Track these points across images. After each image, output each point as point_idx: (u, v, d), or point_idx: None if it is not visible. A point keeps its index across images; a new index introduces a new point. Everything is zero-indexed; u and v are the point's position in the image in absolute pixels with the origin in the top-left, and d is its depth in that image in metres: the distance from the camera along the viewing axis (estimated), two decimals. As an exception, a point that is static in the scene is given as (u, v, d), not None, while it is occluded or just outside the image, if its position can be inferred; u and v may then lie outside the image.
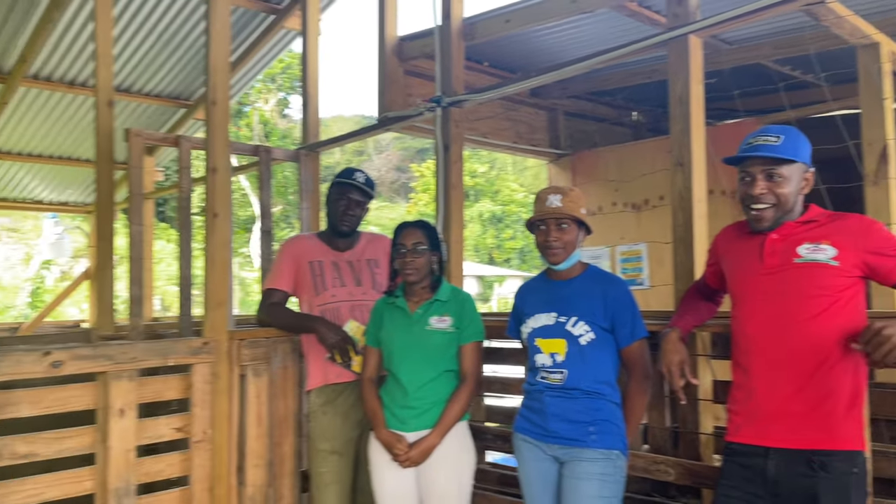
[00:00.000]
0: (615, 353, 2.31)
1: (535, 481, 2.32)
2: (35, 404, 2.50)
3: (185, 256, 4.04)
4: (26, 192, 7.82)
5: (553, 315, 2.31)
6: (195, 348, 2.85)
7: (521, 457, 2.39)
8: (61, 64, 5.78)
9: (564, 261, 2.32)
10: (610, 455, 2.21)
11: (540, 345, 2.33)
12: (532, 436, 2.34)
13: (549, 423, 2.27)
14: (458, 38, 3.91)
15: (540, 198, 2.36)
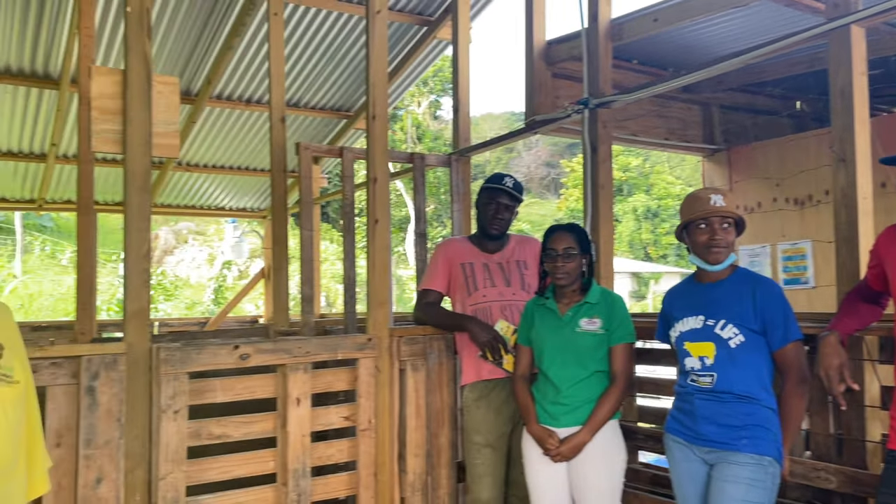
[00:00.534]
0: (768, 356, 2.27)
1: (685, 482, 2.34)
2: (227, 391, 2.84)
3: (349, 258, 4.36)
4: (210, 199, 8.63)
5: (701, 318, 2.31)
6: (360, 344, 3.10)
7: (672, 457, 2.41)
8: (240, 84, 6.37)
9: (724, 261, 2.32)
10: (761, 461, 2.18)
11: (689, 348, 2.34)
12: (682, 437, 2.35)
13: (700, 426, 2.28)
14: (606, 40, 3.93)
15: (700, 198, 2.34)
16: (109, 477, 2.57)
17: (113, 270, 18.01)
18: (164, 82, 2.89)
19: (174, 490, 2.64)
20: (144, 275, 2.77)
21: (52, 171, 7.08)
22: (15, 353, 1.19)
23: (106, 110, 2.80)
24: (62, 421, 2.56)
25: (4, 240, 19.08)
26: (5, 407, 1.10)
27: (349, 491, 3.09)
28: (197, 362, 2.74)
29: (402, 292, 20.51)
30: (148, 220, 2.81)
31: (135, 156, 2.78)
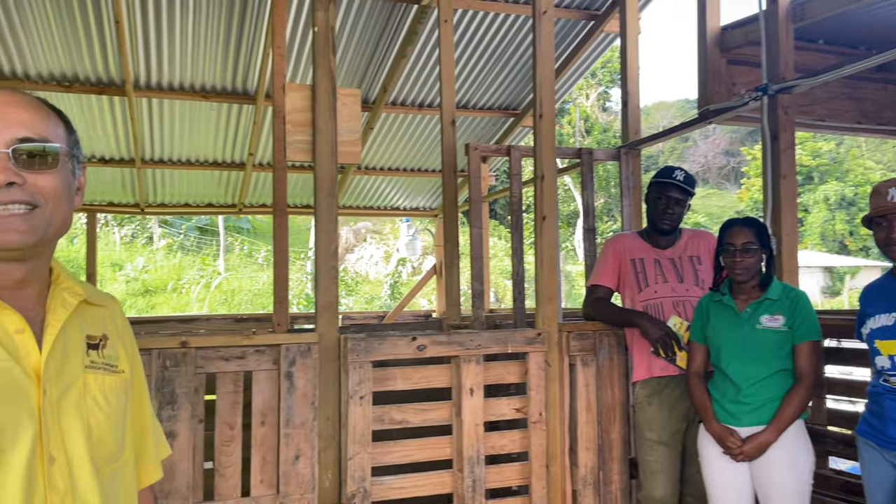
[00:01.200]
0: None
1: (875, 486, 2.20)
2: (406, 380, 3.04)
3: (517, 254, 4.45)
4: (386, 200, 9.10)
5: (893, 316, 2.17)
6: (530, 338, 3.19)
7: (863, 460, 2.28)
8: (413, 90, 6.68)
9: None
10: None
11: (879, 346, 2.20)
12: (872, 439, 2.21)
13: (888, 428, 2.14)
14: (786, 21, 3.72)
15: (880, 191, 2.20)
16: (306, 454, 2.84)
17: (301, 268, 19.44)
18: (347, 94, 3.15)
19: (361, 470, 2.87)
20: (333, 271, 3.03)
21: (249, 179, 7.81)
22: (121, 343, 1.23)
23: (298, 123, 3.09)
24: (266, 402, 2.87)
25: (210, 240, 21.20)
26: (107, 395, 1.13)
27: (522, 481, 3.18)
28: (379, 352, 2.95)
29: (571, 288, 20.37)
30: (335, 221, 3.07)
31: (323, 163, 3.05)
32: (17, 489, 0.99)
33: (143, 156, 7.19)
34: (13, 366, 1.03)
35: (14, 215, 1.02)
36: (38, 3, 5.03)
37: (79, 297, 1.15)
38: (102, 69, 5.85)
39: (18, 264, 1.07)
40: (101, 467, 1.09)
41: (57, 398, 1.06)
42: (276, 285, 5.11)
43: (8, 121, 1.04)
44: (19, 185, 1.02)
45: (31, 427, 1.01)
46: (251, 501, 2.81)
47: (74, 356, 1.11)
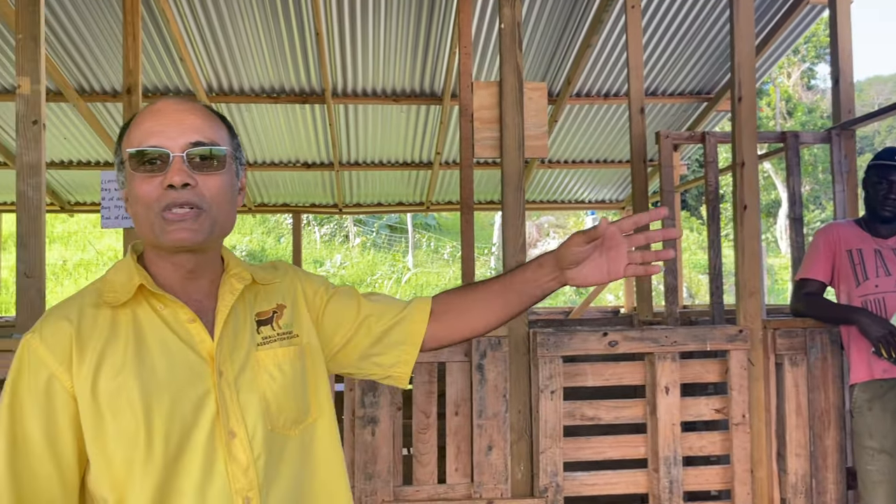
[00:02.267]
0: None
1: None
2: (597, 376, 2.99)
3: (714, 247, 4.21)
4: (570, 193, 9.00)
5: None
6: (731, 335, 3.00)
7: None
8: (598, 80, 6.55)
9: None
10: None
11: None
12: None
13: None
14: None
15: None
16: (498, 445, 2.89)
17: (485, 263, 19.79)
18: (533, 88, 3.15)
19: (553, 464, 2.87)
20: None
21: (436, 177, 8.08)
22: (303, 302, 1.30)
23: (485, 120, 3.14)
24: (459, 393, 2.96)
25: (399, 238, 22.19)
26: (282, 366, 1.20)
27: (723, 485, 3.02)
28: (569, 347, 2.93)
29: (773, 283, 18.96)
30: (522, 215, 3.08)
31: (510, 159, 3.08)
32: (198, 464, 1.09)
33: (340, 159, 7.68)
34: (189, 352, 1.13)
35: (186, 216, 1.11)
36: (250, 25, 5.53)
37: (245, 282, 1.23)
38: (305, 80, 6.31)
39: (190, 255, 1.16)
40: (287, 432, 1.18)
41: (233, 377, 1.15)
42: (465, 279, 5.24)
43: (183, 126, 1.13)
44: (192, 187, 1.11)
45: (209, 407, 1.11)
46: (447, 488, 2.91)
47: (244, 337, 1.20)
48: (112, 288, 1.15)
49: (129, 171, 1.14)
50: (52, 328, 1.10)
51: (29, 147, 2.79)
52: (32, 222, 2.77)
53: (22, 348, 1.10)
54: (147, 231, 1.14)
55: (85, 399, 1.07)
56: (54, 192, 8.03)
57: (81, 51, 5.65)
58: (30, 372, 1.08)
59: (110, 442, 1.07)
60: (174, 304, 1.15)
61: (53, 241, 17.86)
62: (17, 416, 1.07)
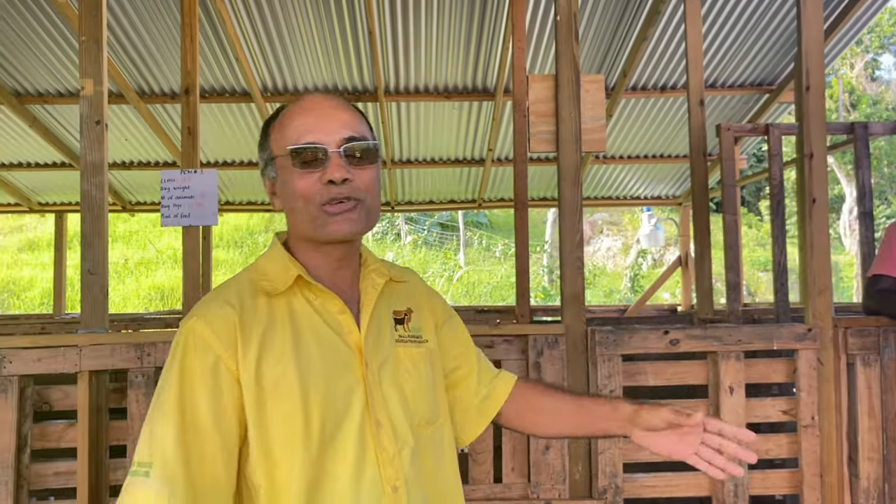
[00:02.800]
0: None
1: None
2: (658, 375, 2.91)
3: (778, 243, 4.07)
4: (625, 189, 8.84)
5: None
6: (799, 334, 2.89)
7: None
8: (654, 73, 6.40)
9: None
10: None
11: None
12: None
13: None
14: None
15: None
16: (555, 446, 2.83)
17: (537, 261, 19.64)
18: (590, 81, 3.08)
19: (612, 465, 2.80)
20: (578, 262, 2.99)
21: (488, 174, 8.03)
22: (428, 311, 1.34)
23: (540, 113, 3.09)
24: (515, 392, 2.91)
25: (450, 236, 22.20)
26: (417, 364, 1.24)
27: (791, 489, 2.90)
28: (628, 345, 2.86)
29: (837, 280, 18.33)
30: (579, 211, 3.02)
31: (567, 153, 3.02)
32: (351, 451, 1.11)
33: (392, 157, 7.70)
34: (339, 342, 1.16)
35: (346, 208, 1.15)
36: (304, 25, 5.58)
37: (385, 277, 1.26)
38: (357, 78, 6.34)
39: (342, 245, 1.20)
40: (420, 430, 1.20)
41: (377, 370, 1.17)
42: (518, 277, 5.18)
43: (336, 122, 1.16)
44: (350, 181, 1.14)
45: (359, 396, 1.14)
46: (503, 488, 2.87)
47: (386, 331, 1.23)
48: (267, 277, 1.18)
49: (285, 166, 1.17)
50: (216, 313, 1.12)
51: (92, 147, 2.85)
52: (96, 221, 2.83)
53: (186, 331, 1.11)
54: (307, 224, 1.16)
55: (249, 384, 1.09)
56: (116, 192, 8.25)
57: (141, 53, 5.79)
58: (196, 354, 1.09)
59: (271, 427, 1.09)
60: (326, 294, 1.18)
61: (116, 240, 18.42)
62: (187, 395, 1.08)
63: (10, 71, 5.92)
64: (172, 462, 1.04)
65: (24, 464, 2.70)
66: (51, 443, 2.75)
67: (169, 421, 1.06)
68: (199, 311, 1.14)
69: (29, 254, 17.62)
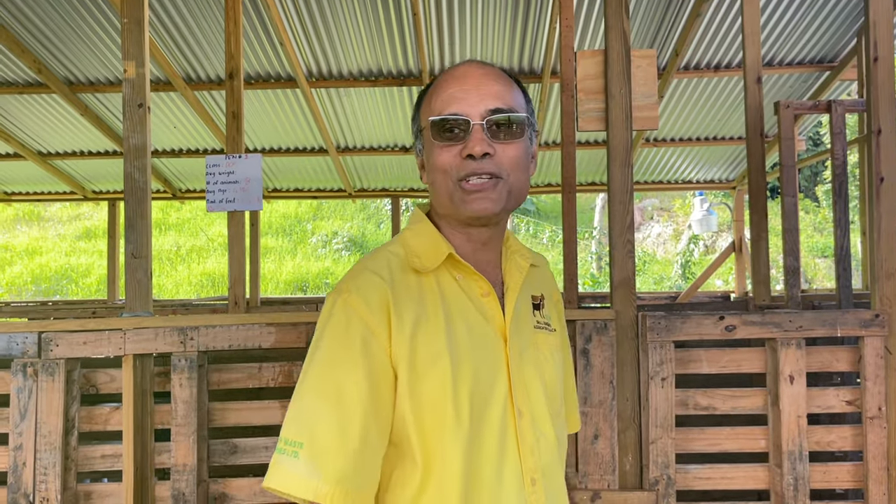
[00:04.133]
0: None
1: None
2: (713, 363, 2.78)
3: (841, 225, 3.87)
4: (676, 173, 8.60)
5: None
6: (865, 321, 2.72)
7: None
8: (708, 51, 6.17)
9: None
10: None
11: None
12: None
13: None
14: None
15: None
16: (605, 434, 2.74)
17: (585, 247, 19.39)
18: (642, 56, 2.95)
19: (664, 455, 2.69)
20: (628, 245, 2.87)
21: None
22: (552, 302, 1.29)
23: (589, 91, 2.97)
24: (562, 379, 2.82)
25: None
26: (553, 352, 1.19)
27: (854, 483, 2.75)
28: (681, 331, 2.74)
29: None
30: (630, 193, 2.90)
31: (617, 132, 2.90)
32: (494, 440, 1.06)
33: (437, 142, 7.61)
34: (486, 326, 1.11)
35: (485, 186, 1.07)
36: (348, 8, 5.53)
37: (528, 260, 1.21)
38: (402, 62, 6.28)
39: (485, 228, 1.14)
40: (553, 420, 1.15)
41: (518, 356, 1.12)
42: (566, 262, 5.06)
43: (482, 93, 1.09)
44: (491, 156, 1.07)
45: (502, 383, 1.09)
46: (549, 477, 2.78)
47: (526, 316, 1.18)
48: (416, 253, 1.13)
49: (429, 139, 1.12)
50: (368, 286, 1.07)
51: (135, 130, 2.85)
52: (139, 204, 2.83)
53: (337, 305, 1.07)
54: (445, 200, 1.11)
55: (404, 362, 1.04)
56: (166, 180, 8.38)
57: (187, 40, 5.82)
58: (349, 327, 1.04)
59: (424, 408, 1.04)
60: (473, 275, 1.13)
61: (169, 228, 18.82)
62: (339, 371, 1.02)
63: (62, 60, 6.02)
64: (323, 442, 0.99)
65: (72, 446, 2.73)
66: (98, 426, 2.77)
67: (320, 398, 1.01)
68: (349, 284, 1.08)
69: (86, 242, 18.13)
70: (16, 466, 2.64)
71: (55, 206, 19.51)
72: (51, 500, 2.65)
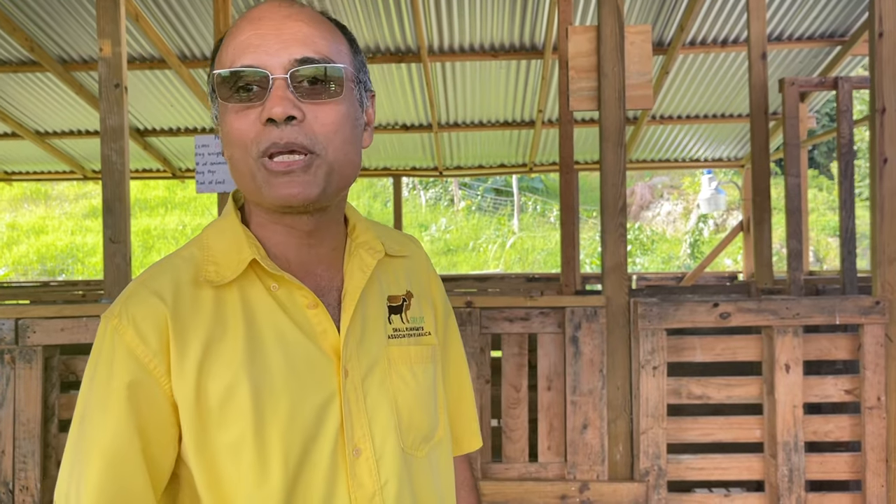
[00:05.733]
0: None
1: None
2: (707, 351, 2.70)
3: (846, 207, 3.75)
4: (684, 151, 8.45)
5: None
6: (865, 308, 2.63)
7: None
8: (714, 26, 6.00)
9: None
10: None
11: None
12: None
13: None
14: None
15: None
16: (594, 424, 2.67)
17: (594, 226, 19.24)
18: (636, 32, 2.83)
19: (655, 445, 2.62)
20: (620, 229, 2.78)
21: (539, 136, 7.76)
22: (427, 297, 1.04)
23: (581, 69, 2.86)
24: (551, 367, 2.75)
25: (504, 201, 21.92)
26: (414, 369, 0.96)
27: (852, 474, 2.67)
28: (675, 319, 2.65)
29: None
30: (622, 175, 2.80)
31: (609, 111, 2.79)
32: (318, 491, 0.85)
33: (439, 120, 7.50)
34: (310, 346, 0.88)
35: (294, 164, 0.83)
36: (343, -18, 5.40)
37: (378, 254, 0.97)
38: (400, 37, 6.14)
39: (306, 216, 0.89)
40: (414, 453, 0.94)
41: (360, 380, 0.90)
42: (564, 245, 4.97)
43: (285, 38, 0.84)
44: (299, 121, 0.83)
45: (333, 416, 0.87)
46: (539, 467, 2.72)
47: (375, 327, 0.94)
48: (214, 259, 0.89)
49: (220, 101, 0.86)
50: (143, 310, 0.84)
51: (112, 111, 2.77)
52: (117, 186, 2.76)
53: (107, 335, 0.85)
54: (248, 182, 0.86)
55: (188, 405, 0.83)
56: (165, 159, 8.31)
57: (180, 16, 5.71)
58: (116, 364, 0.83)
59: (219, 461, 0.83)
60: (291, 283, 0.89)
61: (174, 206, 18.81)
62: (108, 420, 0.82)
63: (54, 38, 5.93)
64: None
65: (52, 433, 2.69)
66: (77, 413, 2.72)
67: (86, 454, 0.81)
68: (121, 309, 0.86)
69: (92, 220, 18.16)
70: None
71: (62, 184, 19.53)
72: (30, 489, 2.62)
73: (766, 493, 2.68)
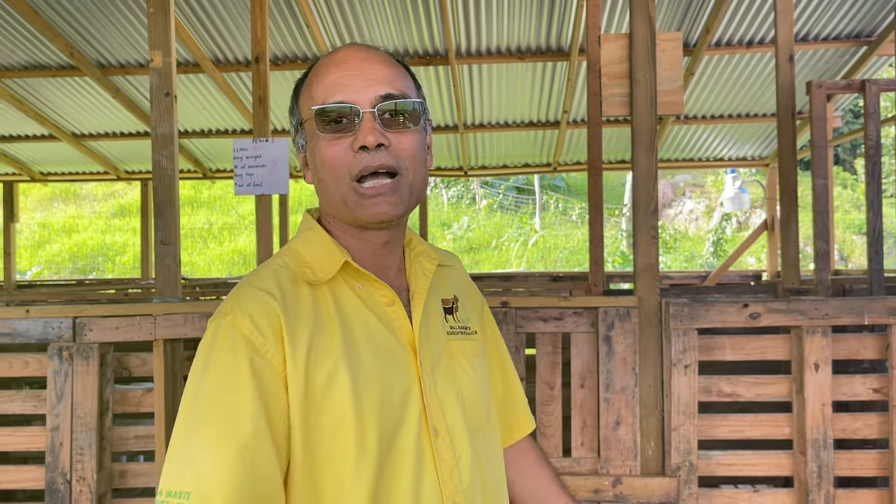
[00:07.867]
0: None
1: None
2: (737, 350, 2.77)
3: (873, 207, 3.79)
4: (708, 150, 8.46)
5: None
6: (893, 308, 2.68)
7: None
8: (740, 27, 6.04)
9: None
10: None
11: None
12: None
13: None
14: None
15: None
16: (626, 421, 2.75)
17: (615, 224, 19.23)
18: (667, 39, 2.91)
19: (686, 442, 2.70)
20: (652, 231, 2.86)
21: (563, 136, 7.82)
22: (470, 302, 1.18)
23: (614, 75, 2.94)
24: (584, 365, 2.83)
25: (526, 200, 21.96)
26: (471, 359, 1.09)
27: (880, 471, 2.73)
28: (705, 319, 2.72)
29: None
30: (654, 178, 2.88)
31: (641, 116, 2.87)
32: (409, 465, 0.96)
33: (465, 121, 7.59)
34: (391, 339, 1.01)
35: (383, 188, 0.97)
36: (373, -13, 5.51)
37: (434, 262, 1.11)
38: (428, 41, 6.24)
39: (384, 230, 1.04)
40: (477, 434, 1.06)
41: (431, 369, 1.03)
42: (592, 245, 5.04)
43: (368, 77, 0.98)
44: (386, 148, 0.97)
45: (415, 401, 0.99)
46: (572, 462, 2.81)
47: (436, 324, 1.08)
48: (308, 264, 1.02)
49: (313, 132, 1.00)
50: (257, 306, 0.94)
51: (162, 119, 2.89)
52: (167, 191, 2.88)
53: (220, 331, 0.93)
54: (339, 206, 1.00)
55: (298, 389, 0.92)
56: (197, 160, 8.48)
57: (215, 21, 5.85)
58: (237, 355, 0.91)
59: (320, 440, 0.93)
60: (374, 284, 1.03)
61: (201, 205, 19.07)
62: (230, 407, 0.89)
63: (93, 43, 6.10)
64: (214, 489, 0.84)
65: (107, 426, 2.82)
66: (131, 407, 2.85)
67: (208, 439, 0.87)
68: (233, 306, 0.95)
69: (120, 219, 18.47)
70: (53, 447, 2.73)
71: (90, 183, 19.87)
72: (87, 479, 2.75)
73: (794, 489, 2.74)
